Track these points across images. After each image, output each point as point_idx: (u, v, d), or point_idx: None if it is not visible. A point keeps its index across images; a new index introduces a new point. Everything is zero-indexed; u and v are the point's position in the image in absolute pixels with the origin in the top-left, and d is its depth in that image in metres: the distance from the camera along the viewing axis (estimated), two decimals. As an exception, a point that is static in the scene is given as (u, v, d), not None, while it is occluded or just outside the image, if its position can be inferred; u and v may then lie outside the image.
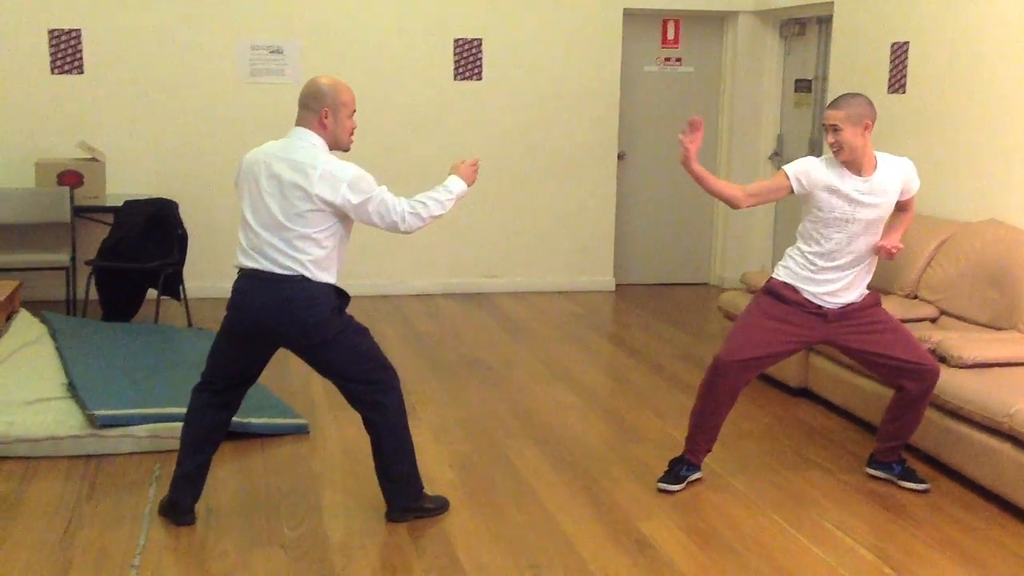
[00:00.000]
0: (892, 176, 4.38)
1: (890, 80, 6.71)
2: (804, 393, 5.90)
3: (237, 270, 3.96)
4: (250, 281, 3.90)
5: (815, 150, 8.04)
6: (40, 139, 7.77)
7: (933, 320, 5.61)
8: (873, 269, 4.52)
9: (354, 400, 4.09)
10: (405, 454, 4.13)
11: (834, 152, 4.33)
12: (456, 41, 8.41)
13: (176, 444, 4.23)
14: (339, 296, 4.02)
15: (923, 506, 4.44)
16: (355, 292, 4.38)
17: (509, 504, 4.39)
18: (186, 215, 7.29)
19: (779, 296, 4.47)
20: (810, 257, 4.44)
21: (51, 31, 7.78)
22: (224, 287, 8.13)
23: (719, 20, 8.94)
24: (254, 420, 5.07)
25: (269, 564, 3.81)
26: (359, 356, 4.03)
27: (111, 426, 4.79)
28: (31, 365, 5.34)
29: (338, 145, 3.99)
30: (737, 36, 8.81)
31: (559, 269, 8.78)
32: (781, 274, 4.52)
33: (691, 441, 4.62)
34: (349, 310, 4.11)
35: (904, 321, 5.36)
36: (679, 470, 4.59)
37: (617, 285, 8.95)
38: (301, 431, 5.17)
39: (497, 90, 8.50)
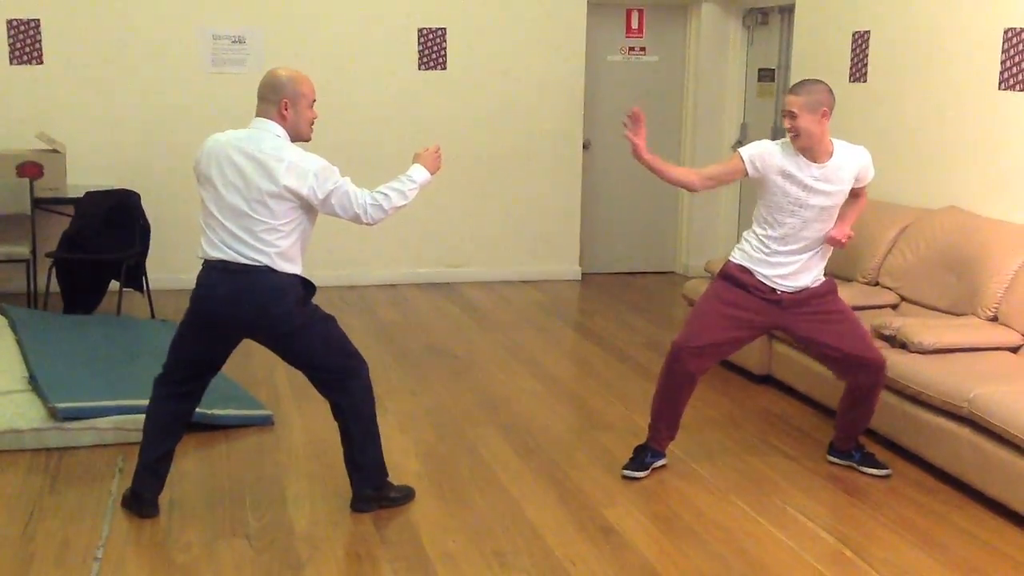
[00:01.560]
0: (847, 164, 4.40)
1: (851, 69, 6.76)
2: (768, 380, 5.95)
3: (202, 261, 3.94)
4: (216, 272, 3.88)
5: (777, 138, 8.06)
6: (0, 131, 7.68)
7: (894, 307, 5.68)
8: (828, 254, 4.55)
9: (322, 387, 4.09)
10: (372, 441, 4.13)
11: (791, 138, 4.34)
12: (420, 30, 8.39)
13: (139, 436, 4.20)
14: (305, 287, 4.01)
15: (883, 490, 4.49)
16: (320, 282, 4.37)
17: (474, 493, 4.40)
18: (148, 206, 7.22)
19: (734, 280, 4.49)
20: (764, 240, 4.46)
21: (9, 21, 7.68)
22: (187, 278, 8.04)
23: (683, 9, 8.96)
24: (218, 411, 5.04)
25: (234, 555, 3.80)
26: (326, 344, 4.03)
27: (73, 419, 4.75)
28: (-9, 358, 5.29)
29: (299, 136, 3.98)
30: (701, 25, 8.84)
31: (525, 258, 8.79)
32: (737, 256, 4.54)
33: (654, 428, 4.65)
34: (315, 300, 4.10)
35: (865, 308, 5.43)
36: (643, 457, 4.62)
37: (583, 274, 8.98)
38: (266, 422, 5.15)
39: (461, 79, 8.49)
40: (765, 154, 4.40)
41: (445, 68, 8.48)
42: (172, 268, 7.77)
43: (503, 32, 8.50)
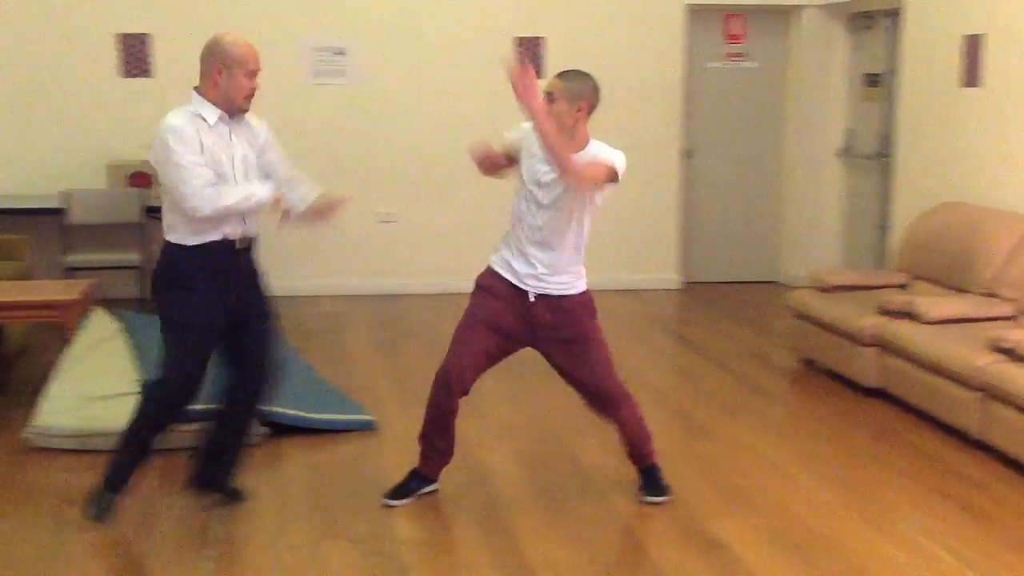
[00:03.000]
0: (594, 154, 4.19)
1: (962, 73, 6.57)
2: (879, 393, 5.79)
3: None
4: None
5: (884, 145, 7.91)
6: (111, 141, 7.90)
7: (1012, 319, 5.49)
8: (580, 259, 4.22)
9: None
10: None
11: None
12: (517, 40, 8.41)
13: (247, 438, 4.28)
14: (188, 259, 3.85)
15: (1006, 510, 4.34)
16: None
17: (576, 501, 4.38)
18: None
19: (487, 289, 4.22)
20: (516, 235, 4.20)
21: (120, 36, 7.92)
22: (287, 285, 8.21)
23: (784, 15, 8.83)
24: (322, 416, 5.11)
25: (339, 557, 3.84)
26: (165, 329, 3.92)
27: (186, 421, 4.84)
28: (106, 361, 5.43)
29: (230, 104, 3.87)
30: (803, 31, 8.69)
31: (624, 267, 8.73)
32: (492, 259, 4.28)
33: (425, 456, 4.37)
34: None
35: (979, 320, 5.26)
36: (411, 484, 4.35)
37: (683, 283, 8.88)
38: (368, 427, 5.20)
39: (560, 88, 8.46)
40: (520, 132, 4.24)
41: (543, 77, 8.47)
42: (275, 275, 7.88)
43: (600, 40, 8.47)
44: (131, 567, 3.76)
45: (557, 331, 4.19)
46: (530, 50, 8.39)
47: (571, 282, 4.19)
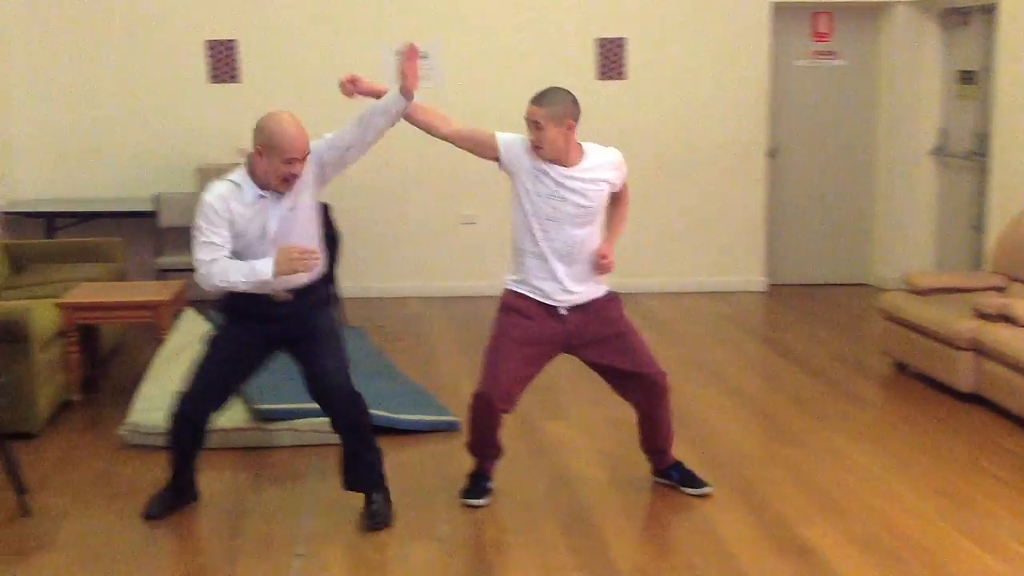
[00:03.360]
0: (602, 165, 4.15)
1: (1063, 69, 6.38)
2: (975, 399, 5.63)
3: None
4: None
5: (980, 144, 7.70)
6: (200, 145, 8.06)
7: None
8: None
9: None
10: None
11: (535, 149, 4.08)
12: (599, 40, 8.37)
13: (335, 438, 4.33)
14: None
15: (1106, 517, 4.19)
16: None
17: (663, 505, 4.34)
18: (338, 217, 7.45)
19: (515, 309, 4.20)
20: (529, 255, 4.16)
21: (208, 42, 8.07)
22: (375, 287, 8.29)
23: (873, 11, 8.65)
24: (407, 417, 5.15)
25: (425, 556, 3.86)
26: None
27: (274, 420, 4.93)
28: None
29: (265, 184, 3.96)
30: (894, 27, 8.51)
31: (708, 269, 8.64)
32: (510, 282, 4.27)
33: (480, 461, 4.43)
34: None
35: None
36: (481, 483, 4.39)
37: (769, 285, 8.76)
38: (452, 428, 5.22)
39: (641, 89, 8.42)
40: (516, 145, 4.14)
41: (624, 78, 8.44)
42: (361, 277, 8.00)
43: (683, 39, 8.39)
44: (221, 563, 3.82)
45: (592, 334, 4.21)
46: (613, 51, 8.36)
47: (596, 286, 4.23)
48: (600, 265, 4.13)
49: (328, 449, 4.61)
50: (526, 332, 4.16)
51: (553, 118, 4.05)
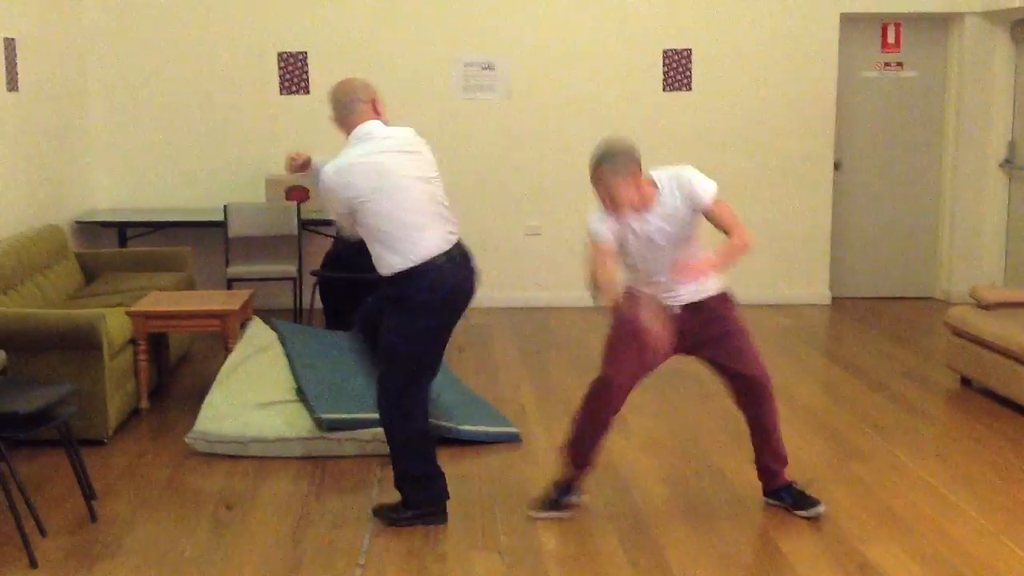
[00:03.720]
0: (670, 192, 4.08)
1: None
2: (1040, 414, 5.55)
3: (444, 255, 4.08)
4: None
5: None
6: (270, 156, 8.18)
7: None
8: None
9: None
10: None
11: (615, 212, 4.07)
12: (665, 51, 8.37)
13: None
14: None
15: None
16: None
17: (723, 519, 4.32)
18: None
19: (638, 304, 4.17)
20: (643, 278, 4.22)
21: (280, 54, 8.22)
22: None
23: (943, 22, 8.54)
24: (469, 427, 5.20)
25: (486, 568, 3.89)
26: None
27: (337, 429, 5.00)
28: (263, 370, 5.63)
29: None
30: (964, 38, 8.39)
31: (772, 281, 8.57)
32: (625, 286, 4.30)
33: (570, 465, 4.38)
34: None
35: None
36: (557, 496, 4.37)
37: (833, 298, 8.67)
38: (513, 439, 5.25)
39: (707, 100, 8.41)
40: (604, 222, 4.11)
41: (690, 89, 8.42)
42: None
43: (750, 50, 8.36)
44: (284, 572, 3.88)
45: (704, 332, 4.24)
46: (680, 62, 8.35)
47: (704, 285, 4.24)
48: (676, 266, 4.09)
49: (390, 459, 4.65)
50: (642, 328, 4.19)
51: (621, 176, 4.05)
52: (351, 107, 4.15)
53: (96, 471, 4.74)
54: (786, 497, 4.38)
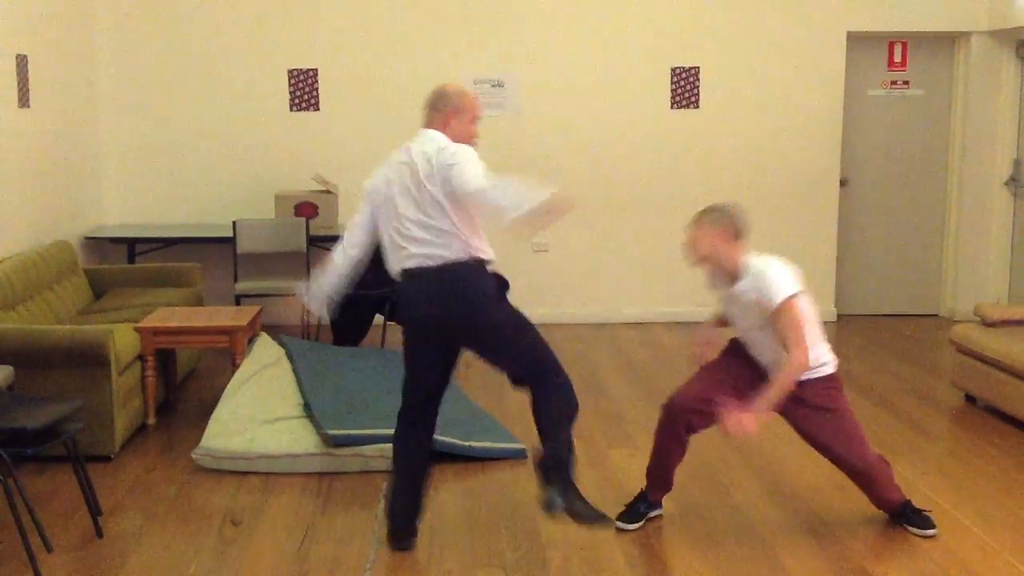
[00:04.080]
0: (749, 287, 4.10)
1: None
2: (1046, 433, 5.56)
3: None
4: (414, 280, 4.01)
5: None
6: (279, 172, 8.26)
7: None
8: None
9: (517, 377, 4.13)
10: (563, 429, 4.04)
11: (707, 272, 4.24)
12: (673, 69, 8.41)
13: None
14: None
15: None
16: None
17: (729, 538, 4.33)
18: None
19: (735, 351, 4.35)
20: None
21: (290, 71, 8.28)
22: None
23: (950, 41, 8.58)
24: (474, 444, 5.21)
25: (490, 585, 3.90)
26: (516, 333, 4.07)
27: (343, 445, 5.02)
28: (270, 386, 5.67)
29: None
30: (970, 57, 8.42)
31: (778, 299, 8.57)
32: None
33: (652, 484, 4.49)
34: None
35: None
36: (641, 507, 4.45)
37: (839, 315, 8.68)
38: (519, 455, 5.26)
39: (715, 118, 8.44)
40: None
41: (698, 107, 8.46)
42: (431, 303, 8.07)
43: (757, 69, 8.40)
44: (292, 586, 3.90)
45: (802, 399, 4.17)
46: (688, 80, 8.39)
47: (815, 371, 4.19)
48: (724, 423, 3.98)
49: (396, 475, 4.68)
50: (736, 367, 4.28)
51: (702, 227, 4.16)
52: (428, 112, 4.14)
53: (103, 487, 4.76)
54: (907, 513, 4.40)
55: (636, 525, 4.39)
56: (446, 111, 4.08)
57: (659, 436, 4.39)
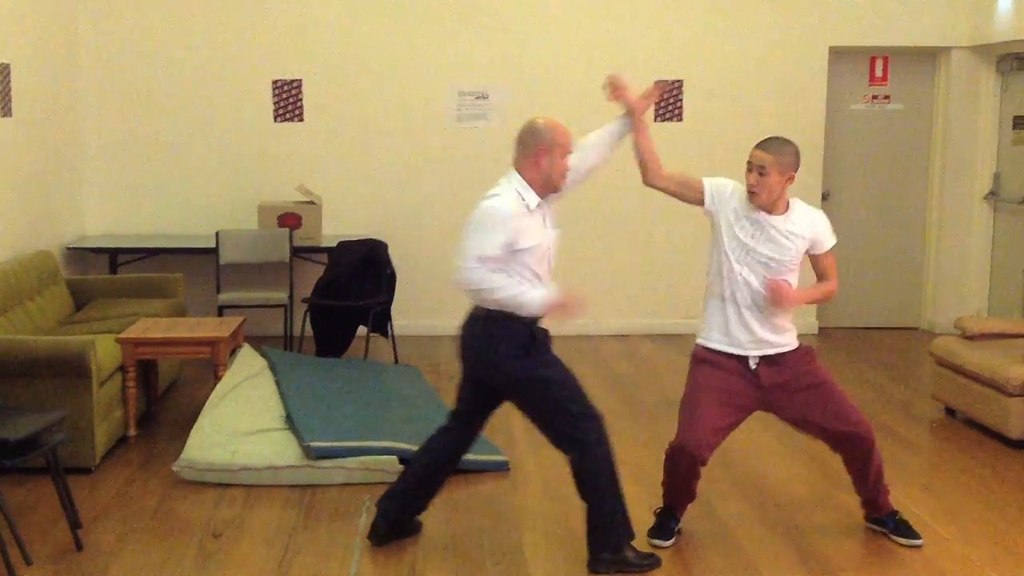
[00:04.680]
0: (802, 221, 4.24)
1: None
2: (1025, 445, 5.59)
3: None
4: None
5: None
6: (263, 183, 8.25)
7: None
8: (791, 313, 4.30)
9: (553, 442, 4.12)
10: (606, 501, 4.04)
11: (752, 194, 4.20)
12: (656, 83, 8.42)
13: (385, 477, 4.39)
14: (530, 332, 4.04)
15: None
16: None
17: (710, 549, 4.34)
18: (394, 255, 7.57)
19: (708, 362, 4.27)
20: (719, 299, 4.25)
21: (275, 81, 8.27)
22: (428, 324, 8.34)
23: (931, 56, 8.64)
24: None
25: (472, 598, 3.90)
26: (553, 394, 4.03)
27: (325, 457, 5.01)
28: (252, 397, 5.65)
29: (549, 185, 4.08)
30: (950, 72, 8.49)
31: (760, 311, 8.61)
32: (701, 338, 4.34)
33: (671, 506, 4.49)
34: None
35: None
36: (668, 523, 4.45)
37: (820, 328, 8.72)
38: (502, 468, 5.26)
39: (698, 131, 8.47)
40: (725, 189, 4.32)
41: (681, 120, 8.50)
42: (415, 315, 8.09)
43: (740, 82, 8.44)
44: (273, 598, 3.89)
45: (788, 387, 4.24)
46: (671, 93, 8.43)
47: (788, 337, 4.29)
48: (771, 289, 4.14)
49: (378, 487, 4.67)
50: (718, 382, 4.24)
51: (780, 166, 4.21)
52: (517, 148, 4.19)
53: (83, 499, 4.74)
54: (889, 523, 4.44)
55: (671, 541, 4.36)
56: (537, 148, 4.06)
57: (673, 479, 4.34)
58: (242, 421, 5.30)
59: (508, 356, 3.99)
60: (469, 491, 4.99)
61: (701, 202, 4.35)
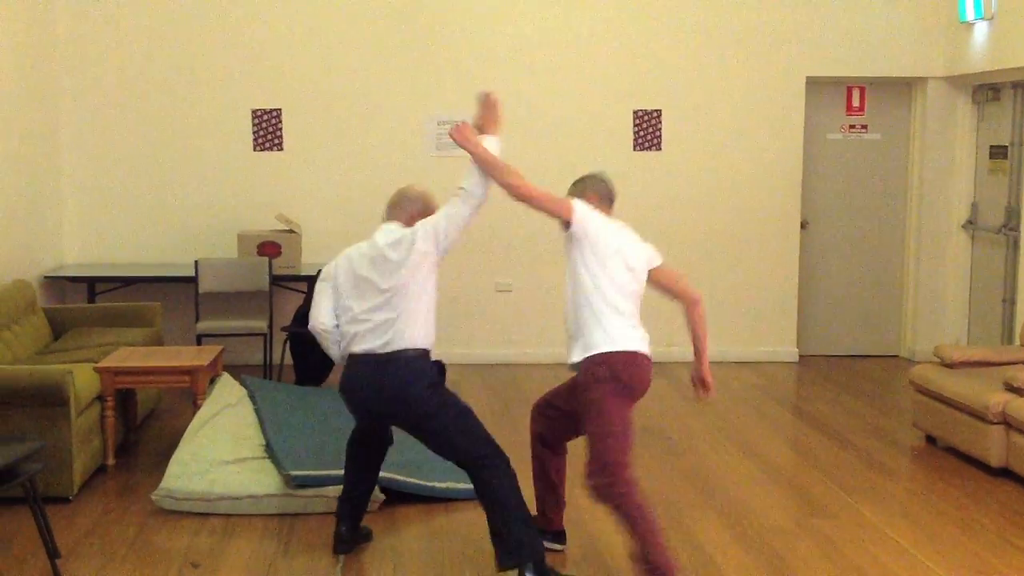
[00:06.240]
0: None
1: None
2: (1005, 473, 5.60)
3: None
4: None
5: (1011, 218, 7.73)
6: (242, 212, 8.23)
7: None
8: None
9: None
10: (513, 523, 4.18)
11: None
12: (635, 112, 8.50)
13: (368, 506, 4.37)
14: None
15: None
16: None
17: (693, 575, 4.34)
18: (375, 284, 7.55)
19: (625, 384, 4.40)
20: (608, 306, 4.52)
21: (254, 111, 8.28)
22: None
23: (907, 86, 8.74)
24: (438, 484, 5.19)
25: (454, 628, 3.87)
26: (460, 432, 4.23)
27: (305, 486, 4.98)
28: (232, 427, 5.61)
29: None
30: (927, 102, 8.58)
31: (740, 339, 8.65)
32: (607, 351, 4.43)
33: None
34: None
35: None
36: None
37: (800, 356, 8.75)
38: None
39: (677, 160, 8.53)
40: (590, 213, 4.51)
41: (660, 149, 8.55)
42: (395, 343, 8.05)
43: (719, 112, 8.51)
44: (252, 629, 3.85)
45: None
46: (650, 122, 8.48)
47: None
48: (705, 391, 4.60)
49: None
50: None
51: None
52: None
53: (61, 529, 4.69)
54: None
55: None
56: (411, 211, 4.50)
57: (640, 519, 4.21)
58: (221, 450, 5.27)
59: (421, 391, 4.20)
60: (451, 519, 4.97)
61: (566, 224, 4.59)
